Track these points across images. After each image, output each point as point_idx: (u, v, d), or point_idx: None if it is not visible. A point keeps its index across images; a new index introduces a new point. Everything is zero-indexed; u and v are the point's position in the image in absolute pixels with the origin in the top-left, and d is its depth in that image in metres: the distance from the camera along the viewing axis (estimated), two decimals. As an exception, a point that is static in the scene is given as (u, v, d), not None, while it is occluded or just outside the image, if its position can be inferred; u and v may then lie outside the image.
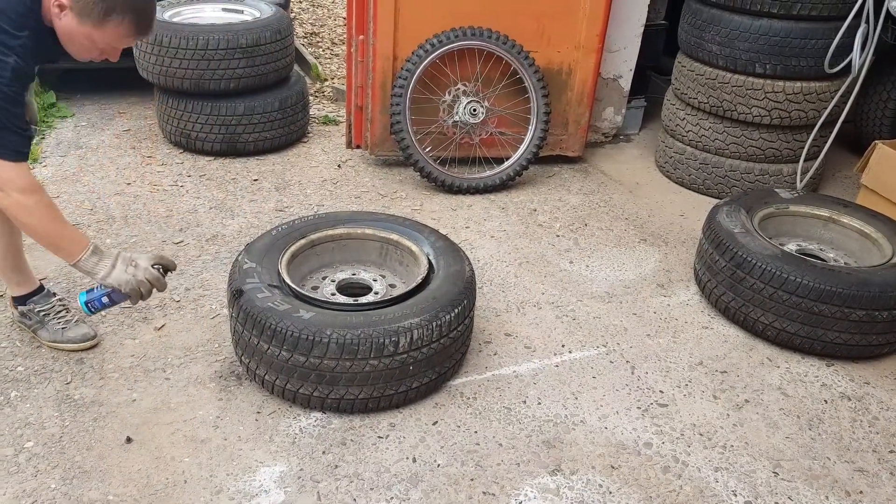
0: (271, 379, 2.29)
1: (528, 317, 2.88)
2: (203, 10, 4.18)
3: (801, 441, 2.35)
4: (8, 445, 2.19)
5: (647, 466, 2.23)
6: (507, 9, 3.65)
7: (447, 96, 3.71)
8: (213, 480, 2.11)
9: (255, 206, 3.57)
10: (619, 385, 2.55)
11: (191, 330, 2.71)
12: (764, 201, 3.06)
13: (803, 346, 2.68)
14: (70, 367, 2.50)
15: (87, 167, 3.85)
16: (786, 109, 3.56)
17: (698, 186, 3.91)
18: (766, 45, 3.45)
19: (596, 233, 3.51)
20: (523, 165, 3.81)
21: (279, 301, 2.27)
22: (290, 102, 4.03)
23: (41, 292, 2.62)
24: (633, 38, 4.14)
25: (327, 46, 5.76)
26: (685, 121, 3.87)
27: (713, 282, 2.87)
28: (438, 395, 2.45)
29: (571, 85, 3.91)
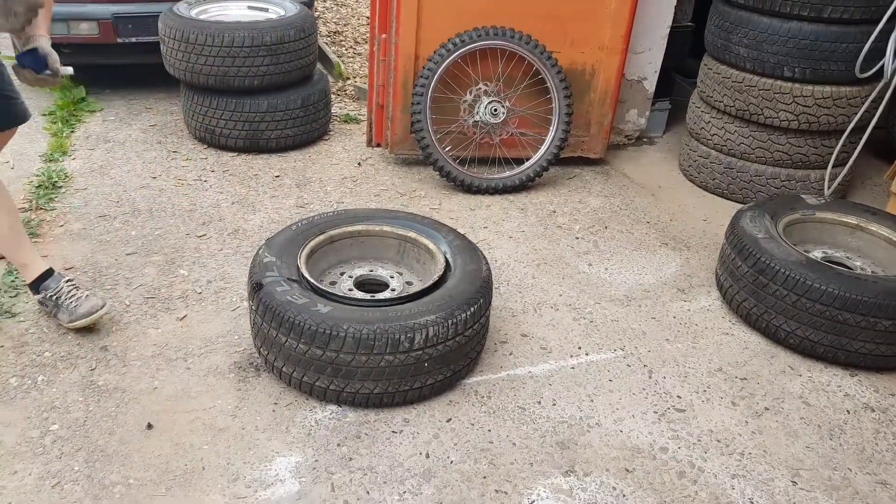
0: (289, 371, 2.31)
1: (545, 318, 2.87)
2: (228, 8, 4.22)
3: (822, 451, 2.32)
4: (34, 428, 2.23)
5: (662, 471, 2.21)
6: (530, 9, 3.64)
7: (468, 96, 3.71)
8: (231, 468, 2.13)
9: (276, 201, 3.60)
10: (636, 389, 2.53)
11: (212, 321, 2.74)
12: (790, 207, 3.02)
13: (826, 355, 2.63)
14: (94, 354, 2.54)
15: (114, 160, 3.91)
16: (814, 114, 3.51)
17: (722, 191, 3.87)
18: (795, 48, 3.41)
19: (616, 236, 3.49)
20: (543, 166, 3.80)
21: (298, 295, 2.29)
22: (313, 100, 4.06)
23: (51, 276, 2.66)
24: (658, 40, 4.11)
25: (350, 45, 5.80)
26: (710, 124, 3.84)
27: (735, 287, 2.84)
28: (453, 392, 2.45)
29: (595, 86, 3.89)
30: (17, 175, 3.70)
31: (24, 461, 2.12)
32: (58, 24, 4.36)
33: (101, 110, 4.53)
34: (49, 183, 3.62)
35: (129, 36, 4.42)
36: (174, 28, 3.81)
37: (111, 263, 3.05)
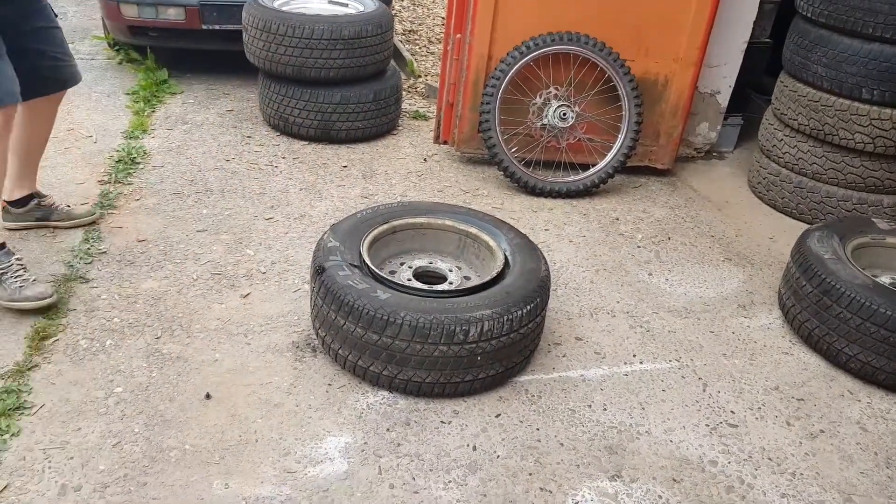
0: (344, 354, 2.37)
1: (601, 323, 2.87)
2: (311, 2, 4.35)
3: (877, 478, 2.26)
4: (99, 388, 2.35)
5: (710, 483, 2.19)
6: (606, 16, 3.65)
7: (538, 99, 3.73)
8: (282, 443, 2.20)
9: (343, 191, 3.69)
10: (689, 401, 2.51)
11: (273, 301, 2.83)
12: (859, 230, 2.95)
13: (888, 382, 2.57)
14: (161, 324, 2.65)
15: (191, 141, 4.07)
16: (891, 138, 3.42)
17: (791, 210, 3.79)
18: (875, 70, 3.33)
19: (679, 247, 3.46)
20: (609, 174, 3.79)
21: (358, 280, 2.35)
22: (385, 95, 4.14)
23: (2, 249, 2.68)
24: (735, 54, 4.06)
25: (424, 44, 5.88)
26: (783, 142, 3.77)
27: (798, 307, 2.79)
28: (503, 389, 2.47)
29: (666, 97, 3.87)
30: (98, 149, 3.89)
31: (87, 419, 2.23)
32: (147, 9, 4.57)
33: (182, 93, 4.71)
34: (129, 159, 3.79)
35: (214, 23, 4.59)
36: (257, 17, 3.94)
37: (182, 239, 3.18)
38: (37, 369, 2.41)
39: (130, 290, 2.82)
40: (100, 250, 3.04)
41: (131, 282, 2.87)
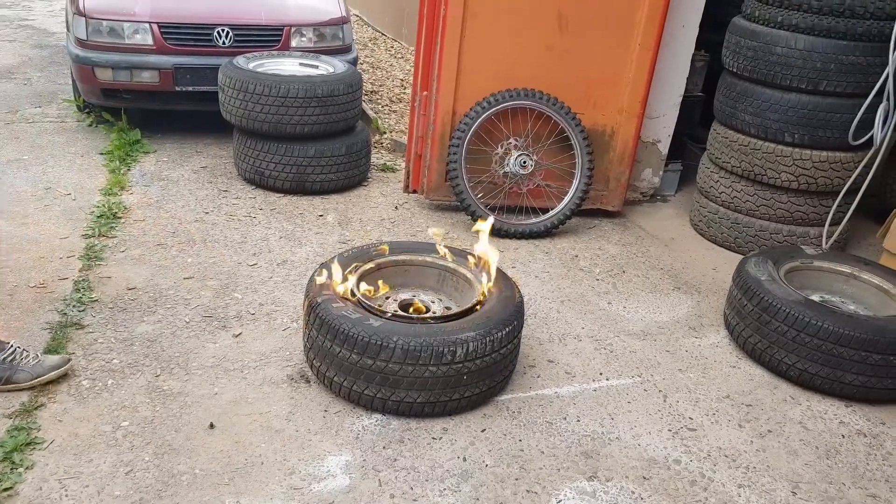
0: (339, 381, 2.57)
1: (569, 347, 3.15)
2: (283, 64, 4.65)
3: (819, 468, 2.56)
4: (106, 423, 2.49)
5: (675, 479, 2.45)
6: (558, 74, 4.04)
7: (500, 149, 4.07)
8: (287, 464, 2.38)
9: (321, 237, 3.92)
10: (652, 410, 2.79)
11: (265, 339, 3.02)
12: (790, 256, 3.33)
13: (824, 386, 2.89)
14: (159, 363, 2.81)
15: (168, 196, 4.25)
16: (812, 176, 3.86)
17: (730, 244, 4.18)
18: (794, 116, 3.78)
19: (633, 279, 3.79)
20: (567, 216, 4.13)
21: (351, 311, 2.58)
22: (356, 148, 4.43)
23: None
24: (672, 107, 4.50)
25: (386, 103, 6.23)
26: (719, 183, 4.18)
27: (741, 325, 3.12)
28: (486, 407, 2.70)
29: (614, 146, 4.26)
30: (78, 206, 4.04)
31: (98, 451, 2.37)
32: (122, 72, 4.79)
33: (155, 152, 4.90)
34: (110, 213, 3.95)
35: (187, 85, 4.83)
36: (234, 78, 4.21)
37: (170, 286, 3.35)
38: (43, 408, 2.53)
39: (126, 333, 2.97)
40: (91, 299, 3.19)
41: (126, 326, 3.02)
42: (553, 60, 4.01)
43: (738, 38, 3.93)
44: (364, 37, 8.63)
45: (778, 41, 3.72)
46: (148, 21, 4.77)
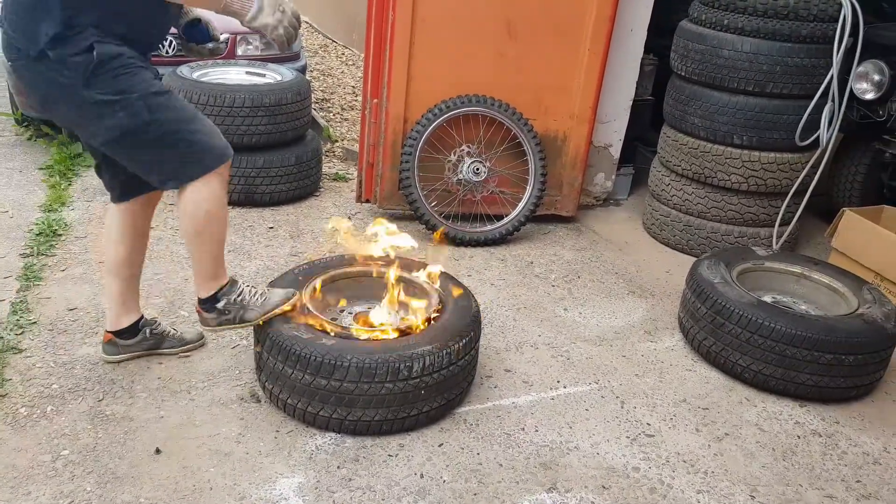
0: (293, 402, 2.49)
1: (526, 355, 3.11)
2: (229, 73, 4.54)
3: (776, 470, 2.57)
4: (45, 453, 2.37)
5: (635, 487, 2.43)
6: (509, 80, 4.02)
7: (452, 156, 4.03)
8: (237, 488, 2.29)
9: (271, 250, 3.83)
10: (610, 417, 2.77)
11: (213, 357, 2.92)
12: (742, 257, 3.35)
13: (778, 387, 2.91)
14: (102, 387, 2.69)
15: (112, 211, 4.11)
16: (761, 177, 3.91)
17: (682, 247, 4.21)
18: (742, 119, 3.82)
19: (588, 284, 3.79)
20: (521, 222, 4.11)
21: (303, 330, 2.50)
22: (306, 158, 4.34)
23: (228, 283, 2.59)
24: (622, 111, 4.52)
25: (337, 111, 6.15)
26: (670, 186, 4.21)
27: (696, 328, 3.13)
28: (444, 421, 2.65)
29: (566, 151, 4.26)
30: (16, 223, 3.87)
31: (36, 483, 2.25)
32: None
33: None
34: (49, 231, 3.80)
35: (129, 97, 4.67)
36: (177, 89, 4.08)
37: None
38: (-23, 439, 2.41)
39: (66, 357, 2.84)
40: (30, 321, 3.04)
41: (66, 349, 2.89)
42: (504, 66, 3.99)
43: (685, 42, 3.96)
44: (315, 44, 8.53)
45: (724, 44, 3.76)
46: (87, 30, 4.60)
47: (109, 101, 2.18)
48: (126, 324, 2.79)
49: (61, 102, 2.26)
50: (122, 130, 2.22)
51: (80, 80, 2.14)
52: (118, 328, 2.78)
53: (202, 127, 2.34)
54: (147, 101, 2.21)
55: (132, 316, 2.80)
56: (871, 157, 4.36)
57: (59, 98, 2.24)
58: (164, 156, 2.32)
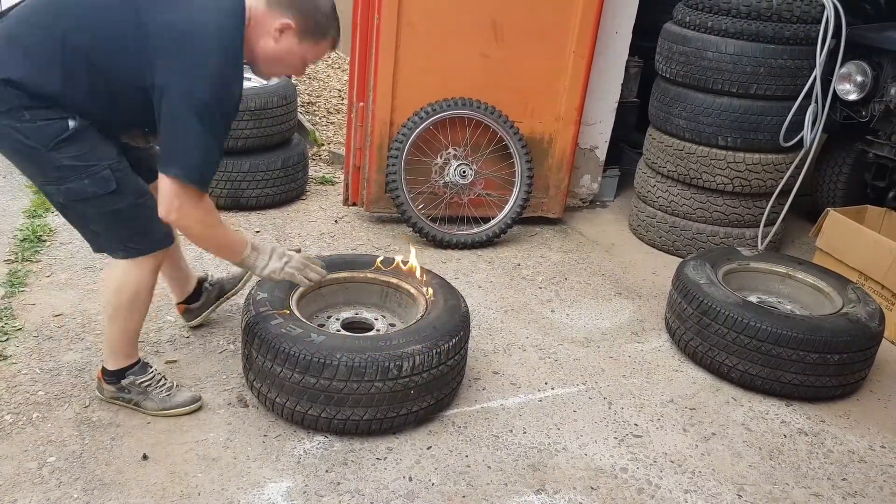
0: (282, 402, 2.48)
1: (514, 357, 3.12)
2: (214, 77, 4.51)
3: (763, 469, 2.59)
4: (31, 460, 2.34)
5: (623, 488, 2.44)
6: (495, 83, 4.03)
7: (439, 159, 4.04)
8: (225, 493, 2.28)
9: (259, 254, 3.81)
10: (598, 418, 2.78)
11: (200, 362, 2.90)
12: (727, 258, 3.38)
13: (764, 387, 2.93)
14: (87, 393, 2.67)
15: (97, 216, 4.08)
16: (746, 178, 3.94)
17: (668, 248, 4.23)
18: (727, 120, 3.85)
19: (575, 286, 3.80)
20: (508, 224, 4.12)
21: (292, 327, 2.49)
22: (292, 162, 4.33)
23: (138, 364, 2.59)
24: (608, 113, 4.54)
25: (323, 115, 6.14)
26: (656, 188, 4.23)
27: (682, 329, 3.14)
28: (432, 423, 2.65)
29: (552, 153, 4.27)
30: (0, 229, 3.84)
31: (22, 490, 2.23)
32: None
33: (83, 170, 4.71)
34: (34, 237, 3.76)
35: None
36: (163, 94, 4.07)
37: (99, 310, 3.18)
38: (-39, 448, 2.39)
39: (52, 363, 2.82)
40: (15, 327, 3.02)
41: (52, 355, 2.86)
42: (490, 69, 4.00)
43: (670, 44, 3.99)
44: (301, 47, 8.49)
45: (708, 46, 3.79)
46: (71, 34, 4.57)
47: (76, 167, 2.15)
48: (190, 290, 3.02)
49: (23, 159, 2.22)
50: (83, 196, 2.20)
51: (49, 143, 2.11)
52: (184, 297, 3.03)
53: (153, 210, 2.26)
54: (115, 171, 2.21)
55: (192, 282, 3.02)
56: (855, 158, 4.40)
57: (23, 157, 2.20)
58: (114, 228, 2.31)
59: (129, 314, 2.45)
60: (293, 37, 2.17)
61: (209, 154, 2.15)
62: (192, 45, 2.04)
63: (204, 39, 2.05)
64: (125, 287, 2.39)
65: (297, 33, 2.17)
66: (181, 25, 2.05)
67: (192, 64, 2.03)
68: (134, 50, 2.07)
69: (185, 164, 2.12)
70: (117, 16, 2.09)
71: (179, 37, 2.04)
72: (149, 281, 2.43)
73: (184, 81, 2.04)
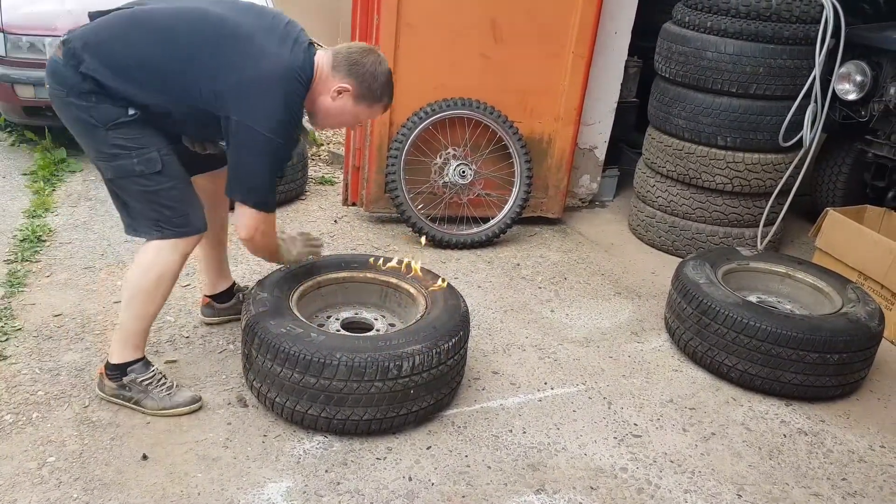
0: (282, 401, 2.48)
1: (514, 357, 3.12)
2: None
3: (763, 469, 2.59)
4: (31, 460, 2.34)
5: (622, 488, 2.44)
6: (494, 83, 4.03)
7: (438, 159, 4.04)
8: (225, 493, 2.28)
9: (258, 255, 3.81)
10: (597, 418, 2.78)
11: (199, 363, 2.90)
12: (726, 258, 3.38)
13: (764, 386, 2.93)
14: (87, 393, 2.67)
15: (97, 216, 4.08)
16: (745, 178, 3.94)
17: (668, 248, 4.24)
18: (726, 120, 3.85)
19: (575, 286, 3.80)
20: (507, 224, 4.12)
21: (292, 326, 2.49)
22: (291, 162, 4.32)
23: (142, 361, 2.61)
24: (607, 113, 4.54)
25: (323, 115, 6.15)
26: (655, 188, 4.23)
27: (682, 329, 3.14)
28: (431, 423, 2.65)
29: (552, 153, 4.27)
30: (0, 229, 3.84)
31: (22, 490, 2.23)
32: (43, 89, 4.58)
33: (82, 170, 4.71)
34: (34, 237, 3.76)
35: (113, 101, 4.65)
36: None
37: (99, 311, 3.20)
38: (-39, 448, 2.38)
39: (52, 363, 2.82)
40: (14, 328, 3.02)
41: (52, 355, 2.87)
42: (489, 70, 4.00)
43: (669, 44, 3.99)
44: (301, 48, 8.50)
45: (708, 46, 3.79)
46: (70, 35, 4.58)
47: (128, 147, 2.35)
48: (222, 288, 3.11)
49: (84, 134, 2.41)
50: (130, 173, 2.38)
51: (108, 123, 2.32)
52: (214, 292, 3.10)
53: (194, 197, 2.52)
54: (162, 155, 2.39)
55: (227, 282, 3.12)
56: (854, 158, 4.40)
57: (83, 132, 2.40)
58: (153, 207, 2.44)
59: (149, 298, 2.50)
60: (349, 98, 2.44)
61: (269, 183, 2.45)
62: (262, 90, 2.30)
63: (273, 85, 2.30)
64: (152, 268, 2.47)
65: (353, 96, 2.44)
66: (255, 73, 2.30)
67: (260, 106, 2.30)
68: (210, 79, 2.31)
69: (252, 190, 2.42)
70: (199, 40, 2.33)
71: (253, 81, 2.30)
72: (176, 266, 2.51)
73: (252, 119, 2.30)
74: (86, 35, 2.33)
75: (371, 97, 2.47)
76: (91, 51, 2.29)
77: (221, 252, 3.07)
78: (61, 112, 2.40)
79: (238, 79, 2.28)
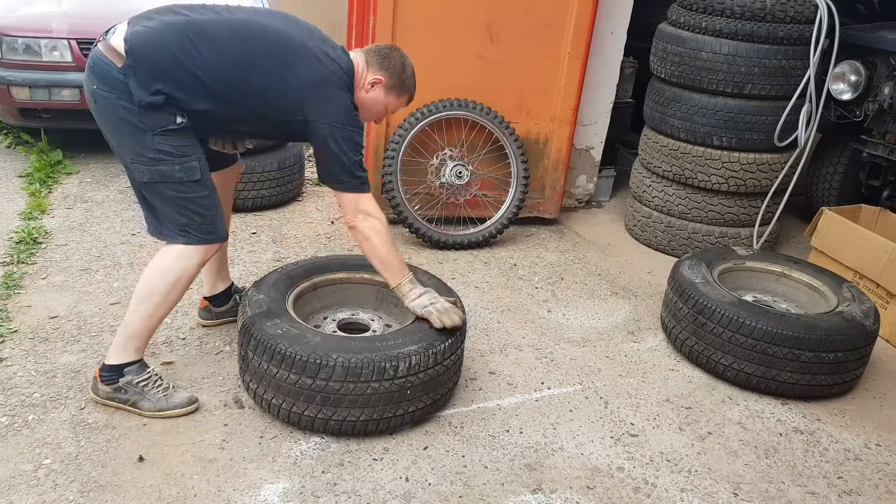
0: (278, 402, 2.48)
1: (510, 357, 3.12)
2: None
3: (759, 468, 2.59)
4: (27, 462, 2.34)
5: (619, 487, 2.44)
6: (490, 83, 4.03)
7: (435, 160, 4.04)
8: (221, 495, 2.28)
9: (254, 255, 3.81)
10: (594, 417, 2.78)
11: (196, 364, 2.90)
12: (722, 257, 3.38)
13: (760, 385, 2.94)
14: (83, 395, 2.66)
15: (93, 218, 4.08)
16: (741, 178, 3.95)
17: (664, 247, 4.24)
18: (721, 120, 3.86)
19: (571, 286, 3.81)
20: (504, 225, 4.12)
21: (288, 328, 2.49)
22: (288, 164, 4.33)
23: (138, 363, 2.61)
24: (603, 114, 4.55)
25: (319, 116, 6.15)
26: (651, 188, 4.24)
27: (678, 328, 3.15)
28: (428, 424, 2.65)
29: (548, 153, 4.28)
30: (-5, 232, 3.84)
31: (18, 493, 2.22)
32: (40, 91, 4.60)
33: (78, 172, 4.71)
34: (29, 239, 3.76)
35: (110, 103, 4.65)
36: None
37: (95, 312, 3.19)
38: (-44, 451, 2.38)
39: (48, 365, 2.82)
40: (10, 329, 3.01)
41: (48, 357, 2.86)
42: (485, 70, 4.01)
43: (664, 45, 4.00)
44: (297, 49, 8.50)
45: (703, 47, 3.80)
46: (66, 37, 4.59)
47: (172, 154, 2.40)
48: (221, 289, 3.12)
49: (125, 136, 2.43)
50: (170, 179, 2.43)
51: (156, 129, 2.37)
52: (214, 293, 3.11)
53: (220, 206, 2.60)
54: (201, 165, 2.47)
55: (225, 283, 3.14)
56: (849, 157, 4.42)
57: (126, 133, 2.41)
58: (183, 213, 2.48)
59: (161, 300, 2.52)
60: (381, 89, 2.64)
61: (354, 160, 2.55)
62: (330, 91, 2.50)
63: (336, 84, 2.51)
64: (171, 271, 2.50)
65: (385, 87, 2.64)
66: (319, 77, 2.49)
67: (329, 102, 2.49)
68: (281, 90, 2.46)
69: (342, 173, 2.53)
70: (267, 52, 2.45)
71: (320, 84, 2.48)
72: (194, 272, 2.54)
73: (328, 118, 2.49)
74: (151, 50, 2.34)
75: (401, 87, 2.67)
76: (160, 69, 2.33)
77: (223, 252, 3.09)
78: (104, 112, 2.40)
79: (306, 83, 2.45)
